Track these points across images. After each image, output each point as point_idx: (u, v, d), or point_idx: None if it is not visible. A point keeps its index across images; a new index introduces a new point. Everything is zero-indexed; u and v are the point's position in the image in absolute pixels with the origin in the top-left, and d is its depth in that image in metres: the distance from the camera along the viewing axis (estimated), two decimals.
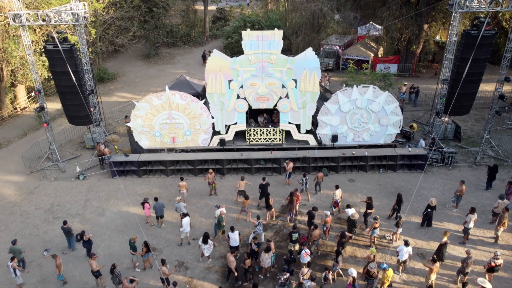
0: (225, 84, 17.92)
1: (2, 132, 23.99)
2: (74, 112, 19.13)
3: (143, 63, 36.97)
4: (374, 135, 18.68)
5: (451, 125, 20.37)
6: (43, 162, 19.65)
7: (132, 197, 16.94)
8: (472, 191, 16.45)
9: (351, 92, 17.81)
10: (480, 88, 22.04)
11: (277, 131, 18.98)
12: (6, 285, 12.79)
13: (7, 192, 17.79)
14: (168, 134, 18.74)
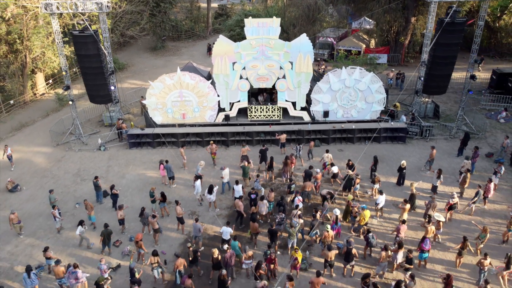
0: (229, 66, 20.36)
1: (26, 113, 26.43)
2: (96, 92, 21.57)
3: (150, 54, 39.40)
4: (361, 111, 21.11)
5: (430, 105, 22.80)
6: (67, 136, 22.09)
7: (148, 164, 19.40)
8: (446, 158, 18.89)
9: (341, 73, 20.26)
10: (461, 74, 24.64)
11: (275, 108, 21.43)
12: (47, 229, 15.22)
13: (38, 160, 20.24)
14: (178, 110, 21.16)
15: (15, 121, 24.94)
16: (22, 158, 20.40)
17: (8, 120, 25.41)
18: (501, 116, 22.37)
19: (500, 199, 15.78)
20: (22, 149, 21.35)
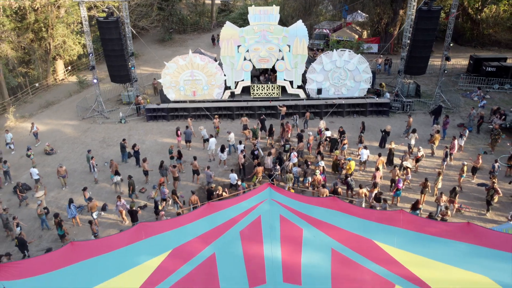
0: (235, 48, 23.26)
1: (50, 94, 29.36)
2: (117, 72, 24.48)
3: (158, 46, 42.31)
4: (350, 89, 24.01)
5: (412, 85, 25.71)
6: (91, 112, 25.01)
7: (164, 133, 22.32)
8: (422, 127, 21.73)
9: (332, 55, 23.17)
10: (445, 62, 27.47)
11: (275, 86, 24.33)
12: (83, 182, 18.12)
13: (67, 131, 23.16)
14: (190, 88, 24.06)
15: (42, 100, 27.89)
16: (53, 129, 23.33)
17: (34, 100, 28.35)
18: (475, 94, 25.28)
19: (465, 157, 18.65)
20: (52, 122, 24.29)
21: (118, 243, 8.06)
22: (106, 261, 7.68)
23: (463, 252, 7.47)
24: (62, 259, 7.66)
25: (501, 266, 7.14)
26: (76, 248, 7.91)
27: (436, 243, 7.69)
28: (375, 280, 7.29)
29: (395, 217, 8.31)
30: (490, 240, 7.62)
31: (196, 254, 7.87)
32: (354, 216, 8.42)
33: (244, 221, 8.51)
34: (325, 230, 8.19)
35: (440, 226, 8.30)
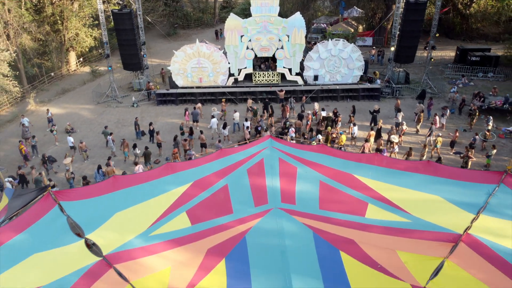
0: (238, 38, 25.32)
1: (65, 83, 31.43)
2: (129, 60, 26.55)
3: (164, 40, 44.33)
4: (344, 76, 26.07)
5: (402, 73, 27.76)
6: (105, 97, 27.08)
7: (173, 116, 24.38)
8: (410, 110, 23.75)
9: (327, 44, 25.23)
10: (435, 54, 29.56)
11: (275, 73, 26.40)
12: (102, 155, 20.18)
13: (84, 113, 25.24)
14: (196, 75, 26.11)
15: (58, 87, 29.96)
16: (71, 112, 25.41)
17: (51, 88, 30.40)
18: (459, 82, 27.35)
19: (445, 134, 20.74)
20: (69, 106, 26.37)
21: (150, 177, 10.17)
22: (142, 189, 9.76)
23: (422, 180, 9.55)
24: (106, 188, 9.76)
25: (450, 189, 9.23)
26: (118, 180, 10.02)
27: (401, 175, 9.78)
28: (353, 201, 9.36)
29: (371, 158, 10.42)
30: (445, 172, 9.73)
31: (213, 184, 9.95)
32: (338, 158, 10.53)
33: (250, 162, 10.59)
34: (315, 168, 10.27)
35: (406, 163, 10.42)
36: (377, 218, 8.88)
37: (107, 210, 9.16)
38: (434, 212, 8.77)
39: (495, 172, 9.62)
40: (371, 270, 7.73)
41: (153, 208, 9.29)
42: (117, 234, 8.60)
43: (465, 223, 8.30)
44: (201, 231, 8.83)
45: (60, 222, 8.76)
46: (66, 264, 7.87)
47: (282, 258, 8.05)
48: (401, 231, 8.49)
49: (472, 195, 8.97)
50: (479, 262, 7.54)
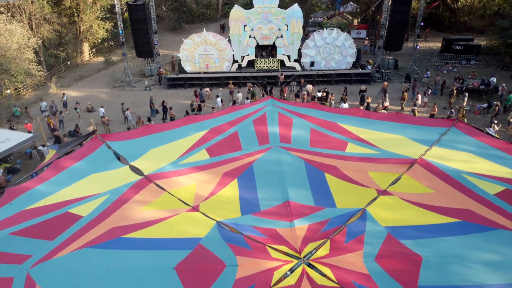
0: (241, 27, 27.84)
1: (81, 70, 33.98)
2: (142, 48, 29.06)
3: (170, 33, 46.98)
4: (338, 62, 28.59)
5: (392, 60, 30.28)
6: (120, 82, 29.60)
7: (183, 98, 26.89)
8: (396, 92, 26.29)
9: (323, 33, 27.75)
10: (424, 45, 32.08)
11: (275, 60, 28.91)
12: (121, 129, 22.70)
13: (101, 96, 27.76)
14: (203, 62, 28.63)
15: (75, 74, 32.49)
16: (89, 95, 27.93)
17: (68, 76, 32.92)
18: (444, 68, 29.87)
19: (426, 111, 23.25)
20: (87, 90, 28.90)
21: (175, 125, 12.71)
22: (169, 133, 12.28)
23: (391, 126, 12.07)
24: (141, 133, 12.30)
25: (412, 131, 11.76)
26: (150, 127, 12.57)
27: (375, 123, 12.32)
28: (336, 141, 11.86)
29: (353, 111, 12.98)
30: (410, 120, 12.29)
31: (225, 131, 12.45)
32: (326, 111, 13.07)
33: (255, 115, 13.10)
34: (307, 119, 12.78)
35: (379, 115, 12.96)
36: (354, 152, 11.38)
37: (143, 147, 11.67)
38: (398, 146, 11.29)
39: (449, 119, 12.17)
40: (347, 183, 10.23)
41: (179, 146, 11.80)
42: (153, 162, 11.10)
43: (421, 152, 10.82)
44: (218, 161, 11.32)
45: (108, 154, 11.29)
46: (117, 180, 10.38)
47: (280, 177, 10.54)
48: (372, 159, 11.01)
49: (429, 135, 11.51)
50: (428, 176, 10.05)
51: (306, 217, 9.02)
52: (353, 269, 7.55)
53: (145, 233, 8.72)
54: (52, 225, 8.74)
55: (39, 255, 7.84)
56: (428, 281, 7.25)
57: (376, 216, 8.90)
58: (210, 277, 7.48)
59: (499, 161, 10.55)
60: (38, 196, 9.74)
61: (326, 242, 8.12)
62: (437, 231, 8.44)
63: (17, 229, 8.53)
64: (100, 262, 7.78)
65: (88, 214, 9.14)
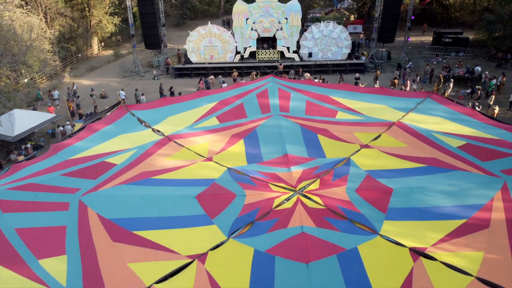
0: (244, 21, 29.76)
1: (92, 62, 35.91)
2: (150, 40, 30.98)
3: (174, 29, 48.86)
4: (334, 53, 30.51)
5: (385, 52, 32.21)
6: (129, 72, 31.53)
7: (189, 86, 28.80)
8: (388, 80, 28.25)
9: (320, 26, 29.68)
10: (416, 38, 33.97)
11: (275, 51, 30.85)
12: None
13: (113, 84, 29.69)
14: (208, 53, 30.55)
15: (87, 65, 34.42)
16: (102, 83, 29.85)
17: (79, 67, 34.85)
18: (434, 59, 31.81)
19: None
20: (99, 79, 30.83)
21: (189, 98, 14.66)
22: (184, 104, 14.22)
23: (376, 97, 14.02)
24: (160, 104, 14.26)
25: (393, 101, 13.70)
26: (167, 100, 14.52)
27: (362, 95, 14.28)
28: (328, 110, 13.77)
29: (343, 86, 14.95)
30: (392, 93, 14.24)
31: (232, 103, 14.39)
32: (320, 87, 15.01)
33: (257, 90, 15.03)
34: (303, 93, 14.71)
35: (366, 89, 14.92)
36: (343, 118, 13.31)
37: (162, 115, 13.61)
38: (380, 113, 13.22)
39: (425, 92, 14.11)
40: (336, 141, 12.15)
41: (193, 114, 13.73)
42: (172, 126, 13.03)
43: (399, 116, 12.77)
44: (226, 126, 13.24)
45: (133, 120, 13.25)
46: (142, 139, 12.30)
47: (279, 137, 12.45)
48: (357, 123, 12.93)
49: (407, 104, 13.47)
50: (403, 134, 11.98)
51: (300, 164, 10.98)
52: (337, 197, 9.49)
53: (169, 175, 10.69)
54: (92, 170, 10.69)
55: (86, 188, 9.79)
56: (396, 205, 9.20)
57: (358, 162, 10.87)
58: (224, 203, 9.42)
59: (464, 123, 12.51)
60: (77, 150, 11.69)
61: (317, 180, 10.07)
62: (407, 173, 10.41)
63: (65, 172, 10.49)
64: (136, 192, 9.73)
65: (121, 163, 11.09)
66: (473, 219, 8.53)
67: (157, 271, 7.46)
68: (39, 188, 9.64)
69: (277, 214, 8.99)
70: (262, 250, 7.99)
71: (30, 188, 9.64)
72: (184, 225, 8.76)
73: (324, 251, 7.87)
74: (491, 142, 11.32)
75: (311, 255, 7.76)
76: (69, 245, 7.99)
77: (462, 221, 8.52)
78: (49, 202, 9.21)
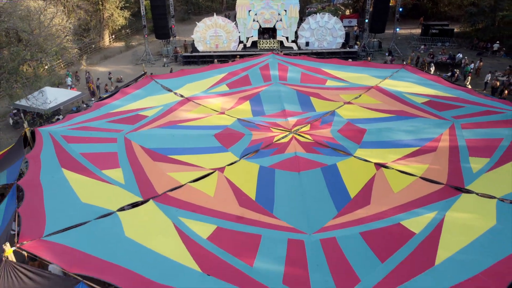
0: (246, 12, 32.50)
1: (105, 52, 38.66)
2: (160, 30, 33.72)
3: (179, 23, 51.46)
4: (329, 43, 33.24)
5: (376, 42, 34.94)
6: (141, 60, 34.28)
7: None
8: None
9: (316, 17, 32.44)
10: (406, 31, 36.67)
11: (275, 41, 33.60)
12: None
13: (127, 71, 32.43)
14: (213, 42, 33.27)
15: (100, 55, 37.18)
16: (116, 70, 32.59)
17: (93, 56, 37.59)
18: (421, 48, 34.57)
19: None
20: (114, 66, 33.56)
21: (203, 70, 17.43)
22: (199, 75, 16.98)
23: (360, 69, 16.80)
24: (178, 74, 17.03)
25: (374, 71, 16.48)
26: (184, 71, 17.29)
27: (348, 67, 17.06)
28: (319, 78, 16.50)
29: (331, 61, 17.71)
30: (373, 65, 17.02)
31: (239, 74, 17.15)
32: (313, 61, 17.79)
33: (260, 64, 17.80)
34: (299, 66, 17.48)
35: (352, 62, 17.69)
36: (331, 85, 16.07)
37: (181, 83, 16.37)
38: (362, 80, 15.97)
39: (401, 64, 16.88)
40: (324, 101, 14.88)
41: (207, 82, 16.49)
42: (189, 91, 15.77)
43: (377, 82, 15.53)
44: (235, 91, 15.98)
45: (157, 86, 16.01)
46: (166, 99, 15.03)
47: (279, 99, 15.16)
48: (343, 88, 15.67)
49: (385, 73, 16.24)
50: (379, 95, 14.73)
51: (295, 116, 13.78)
52: (323, 135, 12.26)
53: (191, 123, 13.49)
54: (130, 119, 13.48)
55: (128, 130, 12.55)
56: (368, 139, 11.98)
57: (341, 113, 13.68)
58: (235, 139, 12.19)
59: (430, 87, 15.33)
60: (115, 107, 14.48)
61: (308, 125, 12.83)
62: (379, 120, 13.22)
63: (110, 119, 13.24)
64: (166, 132, 12.50)
65: (151, 115, 13.89)
66: (425, 147, 11.29)
67: (189, 177, 10.21)
68: (92, 129, 12.40)
69: (277, 146, 11.74)
70: (265, 166, 10.74)
71: (85, 129, 12.40)
72: (206, 152, 11.53)
73: (312, 166, 10.62)
74: (449, 99, 14.09)
75: (302, 167, 10.51)
76: (121, 163, 10.73)
77: (416, 148, 11.28)
78: (101, 137, 11.96)
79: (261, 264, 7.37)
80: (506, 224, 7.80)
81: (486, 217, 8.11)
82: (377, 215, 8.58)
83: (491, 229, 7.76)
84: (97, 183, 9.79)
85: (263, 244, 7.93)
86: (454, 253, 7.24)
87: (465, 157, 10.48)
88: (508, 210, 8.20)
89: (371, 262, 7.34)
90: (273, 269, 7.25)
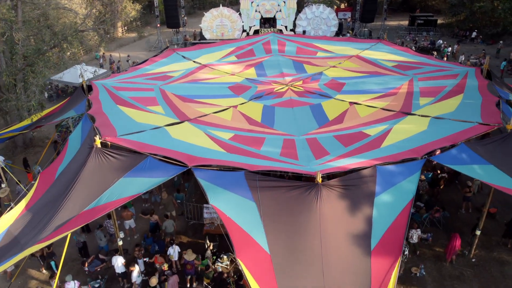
0: (249, 3, 36.11)
1: (120, 41, 42.27)
2: (171, 20, 37.32)
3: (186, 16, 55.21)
4: (324, 31, 36.77)
5: (367, 31, 38.51)
6: (154, 47, 37.87)
7: None
8: None
9: (312, 7, 36.05)
10: (395, 22, 40.18)
11: (275, 30, 37.17)
12: None
13: (141, 56, 35.95)
14: (219, 31, 36.86)
15: (116, 43, 40.80)
16: (133, 55, 36.20)
17: (108, 44, 41.21)
18: (408, 37, 38.17)
19: None
20: (129, 52, 37.16)
21: (214, 45, 21.07)
22: (212, 48, 20.60)
23: (345, 43, 20.44)
24: (195, 48, 20.67)
25: (357, 45, 20.10)
26: (200, 45, 20.93)
27: (336, 42, 20.69)
28: (311, 51, 20.11)
29: (322, 37, 21.37)
30: (357, 40, 20.70)
31: (245, 48, 20.74)
32: (307, 38, 21.44)
33: (263, 40, 21.42)
34: (295, 41, 21.10)
35: (339, 38, 21.39)
36: (321, 55, 19.69)
37: (198, 54, 19.99)
38: (346, 51, 19.59)
39: (378, 39, 20.53)
40: (315, 66, 18.48)
41: (219, 54, 20.10)
42: (205, 60, 19.36)
43: (358, 52, 19.16)
44: (242, 61, 19.58)
45: (179, 56, 19.63)
46: (187, 65, 18.64)
47: (278, 66, 18.74)
48: (330, 58, 19.30)
49: (365, 46, 19.89)
50: (359, 61, 18.32)
51: (291, 76, 17.37)
52: (312, 87, 15.87)
53: (209, 81, 17.07)
54: (160, 77, 17.08)
55: (161, 83, 16.14)
56: (347, 89, 15.61)
57: (327, 73, 17.33)
58: (244, 89, 15.83)
59: (401, 55, 18.96)
60: (147, 70, 18.05)
61: (300, 81, 16.45)
62: (356, 78, 16.86)
63: (145, 77, 16.84)
64: (190, 85, 16.11)
65: (177, 76, 17.45)
66: (388, 93, 14.91)
67: (212, 110, 13.83)
68: (133, 83, 16.01)
69: (276, 94, 15.36)
70: (268, 105, 14.36)
71: (127, 82, 16.01)
72: (222, 97, 15.16)
73: (302, 104, 14.23)
74: (414, 63, 17.70)
75: (295, 105, 14.14)
76: (160, 102, 14.33)
77: (382, 94, 14.89)
78: (142, 88, 15.58)
79: (266, 148, 10.96)
80: (432, 128, 11.37)
81: (420, 126, 11.67)
82: (346, 128, 12.19)
83: (421, 132, 11.33)
84: (144, 113, 13.37)
85: (267, 141, 11.51)
86: (393, 142, 10.80)
87: (416, 97, 14.07)
88: (437, 122, 11.78)
89: (338, 147, 10.95)
90: (274, 151, 10.83)
